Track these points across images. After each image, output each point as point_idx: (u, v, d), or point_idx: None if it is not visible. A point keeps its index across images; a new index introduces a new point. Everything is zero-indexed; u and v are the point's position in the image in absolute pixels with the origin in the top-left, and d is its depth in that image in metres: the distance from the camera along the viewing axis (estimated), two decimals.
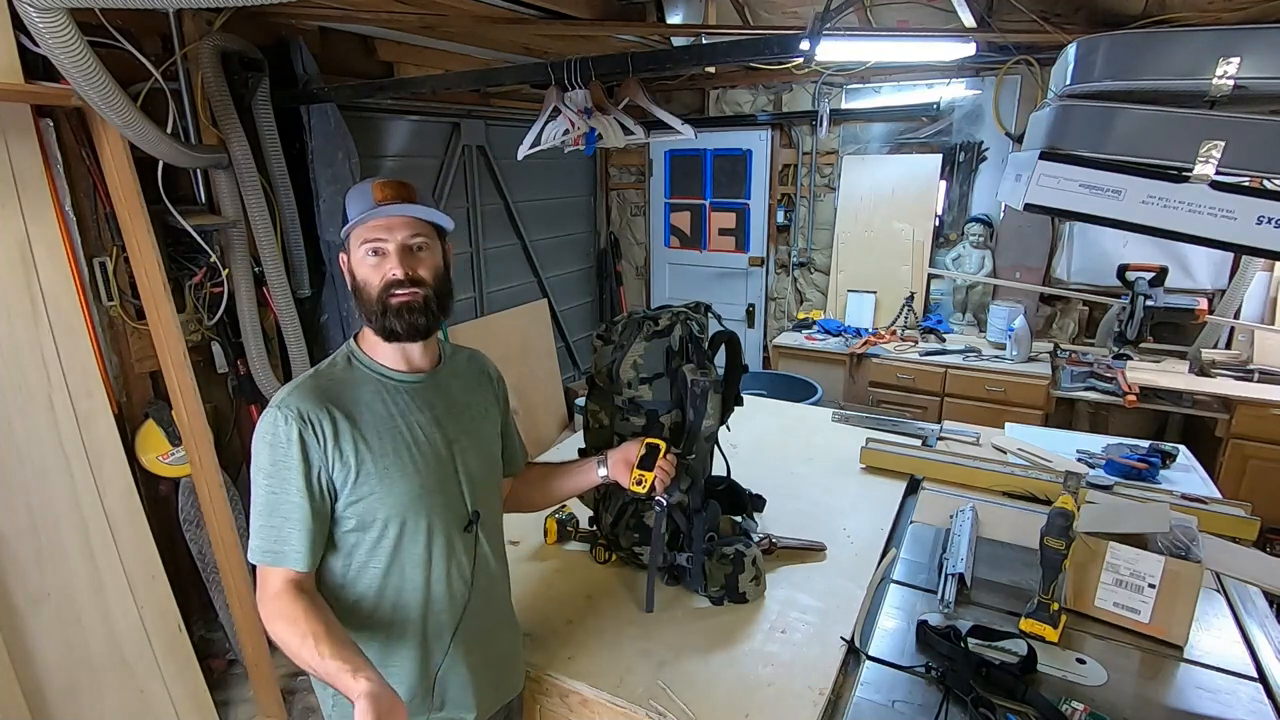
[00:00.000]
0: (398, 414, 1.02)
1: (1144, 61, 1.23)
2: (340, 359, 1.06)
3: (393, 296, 0.99)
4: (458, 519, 1.07)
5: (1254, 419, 2.81)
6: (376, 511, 0.99)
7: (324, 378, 1.01)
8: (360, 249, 1.00)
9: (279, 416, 0.95)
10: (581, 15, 2.91)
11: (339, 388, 1.00)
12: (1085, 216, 1.29)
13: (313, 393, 0.97)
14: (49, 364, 1.89)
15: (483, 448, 1.14)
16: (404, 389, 1.05)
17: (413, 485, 1.01)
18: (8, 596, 1.78)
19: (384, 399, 1.03)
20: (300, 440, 0.94)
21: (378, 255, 1.00)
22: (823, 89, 3.97)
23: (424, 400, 1.06)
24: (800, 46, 1.54)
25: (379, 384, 1.04)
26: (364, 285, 1.01)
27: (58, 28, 1.52)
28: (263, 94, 2.40)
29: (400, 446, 1.01)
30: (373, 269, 1.00)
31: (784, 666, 1.20)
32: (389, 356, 1.05)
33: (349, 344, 1.08)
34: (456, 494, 1.07)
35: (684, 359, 1.34)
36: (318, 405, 0.96)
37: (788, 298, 4.49)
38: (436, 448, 1.05)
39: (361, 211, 0.99)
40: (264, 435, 0.96)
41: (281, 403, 0.96)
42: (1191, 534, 1.24)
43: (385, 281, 1.00)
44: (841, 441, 2.11)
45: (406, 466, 1.00)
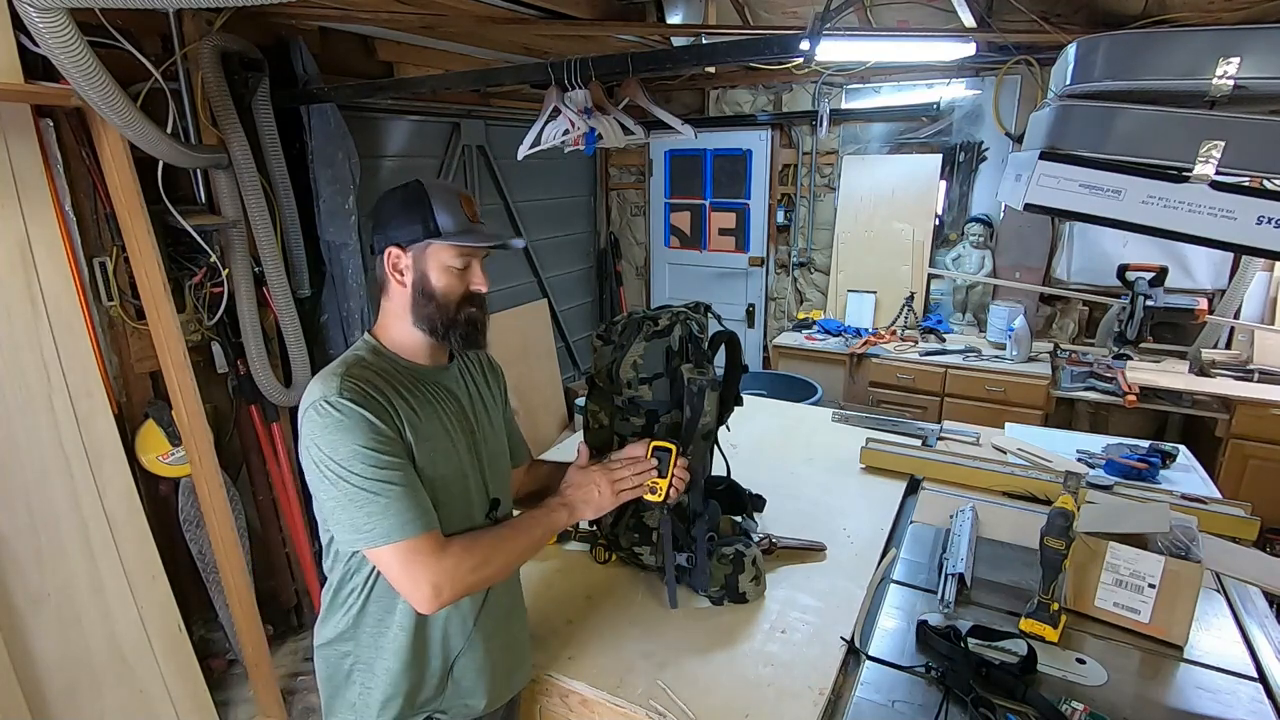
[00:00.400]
0: (428, 403, 1.05)
1: (1144, 61, 1.23)
2: (365, 352, 1.06)
3: (472, 307, 1.07)
4: (480, 505, 1.11)
5: (1254, 419, 2.81)
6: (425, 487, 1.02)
7: (358, 368, 1.01)
8: (454, 260, 1.04)
9: (340, 402, 0.94)
10: (581, 15, 2.91)
11: (378, 375, 1.02)
12: (1085, 216, 1.29)
13: (359, 378, 0.98)
14: (49, 364, 1.89)
15: (496, 435, 1.19)
16: (430, 380, 1.08)
17: (451, 469, 1.05)
18: (8, 596, 1.78)
19: (415, 388, 1.05)
20: (374, 412, 0.96)
21: (465, 268, 1.06)
22: (823, 89, 3.97)
23: (447, 390, 1.10)
24: (800, 46, 1.54)
25: (407, 374, 1.06)
26: (445, 292, 1.04)
27: (58, 28, 1.52)
28: (263, 94, 2.40)
29: (436, 432, 1.04)
30: (457, 279, 1.05)
31: (784, 666, 1.20)
32: (416, 350, 1.08)
33: (368, 339, 1.08)
34: (479, 480, 1.11)
35: (684, 359, 1.34)
36: (370, 387, 0.98)
37: (788, 298, 4.49)
38: (463, 435, 1.09)
39: (458, 225, 1.03)
40: (334, 424, 0.94)
41: (337, 390, 0.95)
42: (1191, 534, 1.24)
43: (468, 293, 1.06)
44: (841, 441, 2.11)
45: (445, 451, 1.04)
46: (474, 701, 1.11)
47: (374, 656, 1.05)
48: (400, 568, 0.96)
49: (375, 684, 1.06)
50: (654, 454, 1.24)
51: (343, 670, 1.08)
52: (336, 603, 1.06)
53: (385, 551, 0.95)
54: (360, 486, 0.93)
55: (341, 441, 0.94)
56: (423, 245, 1.04)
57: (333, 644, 1.08)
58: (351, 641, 1.06)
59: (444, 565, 0.96)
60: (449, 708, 1.10)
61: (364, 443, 0.94)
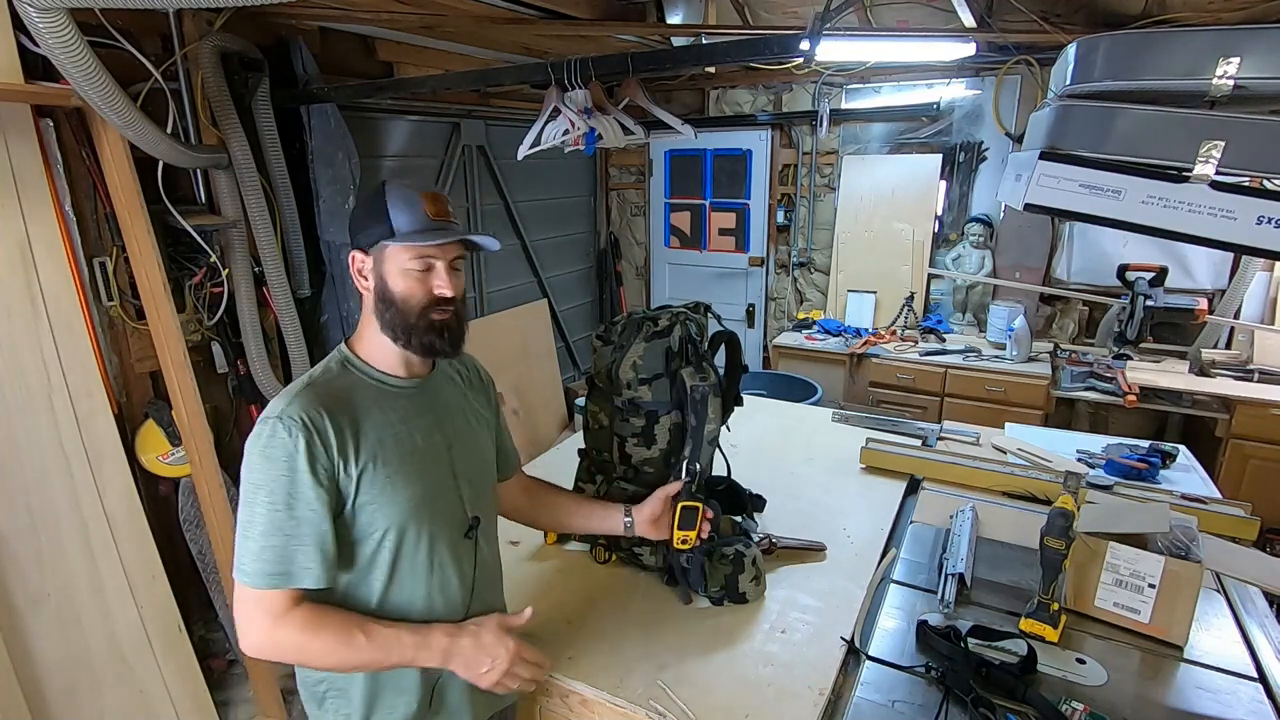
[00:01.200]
0: (398, 420, 1.01)
1: (1144, 61, 1.23)
2: (334, 365, 1.03)
3: (437, 313, 1.00)
4: (457, 525, 1.06)
5: (1254, 419, 2.81)
6: (377, 521, 0.97)
7: (321, 385, 0.98)
8: (410, 261, 0.98)
9: (279, 427, 0.91)
10: (581, 15, 2.91)
11: (338, 394, 0.98)
12: (1085, 216, 1.29)
13: (314, 402, 0.94)
14: (49, 364, 1.89)
15: (478, 452, 1.14)
16: (403, 394, 1.04)
17: (414, 492, 0.99)
18: (8, 596, 1.78)
19: (382, 406, 1.00)
20: (307, 450, 0.91)
21: (425, 271, 1.00)
22: (823, 89, 3.97)
23: (422, 405, 1.05)
24: (800, 46, 1.54)
25: (377, 390, 1.02)
26: (404, 297, 0.99)
27: (58, 28, 1.52)
28: (263, 94, 2.40)
29: (402, 453, 0.99)
30: (417, 282, 0.99)
31: (784, 666, 1.20)
32: (389, 362, 1.04)
33: (341, 350, 1.05)
34: (455, 499, 1.07)
35: (684, 360, 1.34)
36: (321, 414, 0.93)
37: (788, 298, 4.49)
38: (436, 453, 1.04)
39: (416, 225, 0.98)
40: (263, 449, 0.91)
41: (282, 413, 0.92)
42: (1191, 534, 1.24)
43: (431, 298, 1.00)
44: (841, 441, 2.11)
45: (409, 474, 0.99)
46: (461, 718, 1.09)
47: (347, 682, 1.02)
48: (238, 608, 0.93)
49: (351, 709, 1.02)
50: (683, 513, 1.27)
51: (317, 694, 1.05)
52: None
53: (238, 587, 0.92)
54: (254, 518, 0.90)
55: (260, 467, 0.91)
56: (380, 247, 0.99)
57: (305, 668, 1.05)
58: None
59: (273, 634, 0.91)
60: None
61: (276, 479, 0.90)
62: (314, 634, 0.91)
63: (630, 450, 1.38)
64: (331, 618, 0.94)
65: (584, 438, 1.53)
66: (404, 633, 0.96)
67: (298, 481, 0.90)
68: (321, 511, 0.92)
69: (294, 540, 0.91)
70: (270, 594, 0.91)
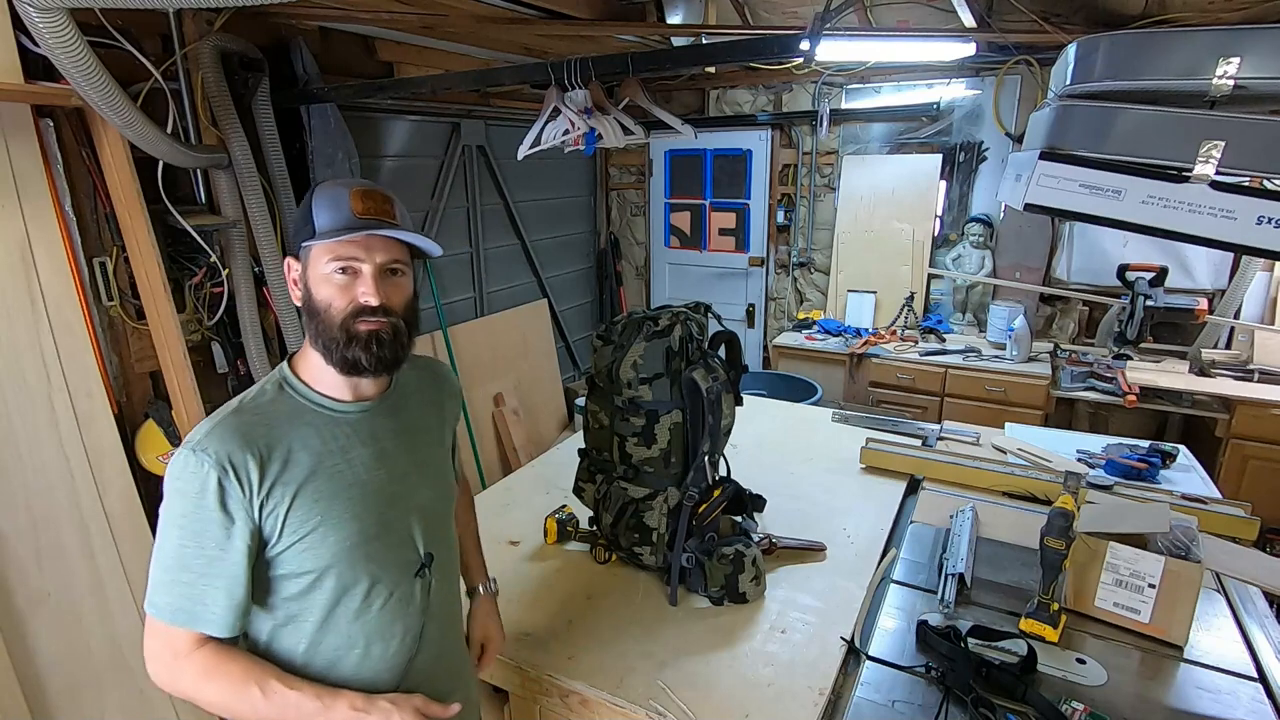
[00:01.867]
0: (337, 450, 0.91)
1: (1144, 61, 1.23)
2: (270, 387, 0.93)
3: (362, 324, 0.88)
4: (406, 565, 0.96)
5: (1254, 419, 2.81)
6: (307, 563, 0.88)
7: (249, 412, 0.89)
8: (328, 265, 0.88)
9: (194, 461, 0.83)
10: (581, 15, 2.91)
11: (267, 423, 0.88)
12: (1085, 216, 1.29)
13: (235, 432, 0.85)
14: (49, 364, 1.89)
15: (437, 479, 1.04)
16: (346, 421, 0.93)
17: (351, 532, 0.89)
18: (8, 596, 1.78)
19: (321, 434, 0.91)
20: (219, 489, 0.82)
21: (348, 275, 0.89)
22: (823, 89, 3.97)
23: (369, 432, 0.95)
24: (800, 46, 1.54)
25: (316, 416, 0.92)
26: (325, 307, 0.88)
27: (58, 28, 1.52)
28: (263, 94, 2.40)
29: (338, 490, 0.89)
30: (340, 290, 0.89)
31: (784, 666, 1.20)
32: (333, 385, 0.93)
33: (281, 369, 0.95)
34: (405, 536, 0.97)
35: (684, 359, 1.34)
36: (240, 447, 0.84)
37: (788, 298, 4.49)
38: (381, 487, 0.94)
39: (337, 223, 0.87)
40: (175, 481, 0.84)
41: (197, 445, 0.83)
42: (1191, 534, 1.24)
43: (355, 306, 0.88)
44: (841, 441, 2.11)
45: (344, 512, 0.89)
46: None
47: None
48: (147, 640, 0.87)
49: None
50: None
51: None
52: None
53: (148, 618, 0.86)
54: (164, 549, 0.84)
55: (173, 500, 0.84)
56: (306, 250, 0.90)
57: None
58: None
59: (171, 670, 0.86)
60: None
61: (186, 515, 0.83)
62: (209, 681, 0.85)
63: (630, 450, 1.38)
64: (232, 666, 0.86)
65: (584, 437, 1.53)
66: (306, 697, 0.86)
67: (206, 520, 0.83)
68: (233, 554, 0.84)
69: (203, 580, 0.84)
70: (174, 630, 0.85)
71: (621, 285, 5.09)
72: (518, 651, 1.26)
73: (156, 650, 0.87)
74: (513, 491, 1.89)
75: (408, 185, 3.43)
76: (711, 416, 1.31)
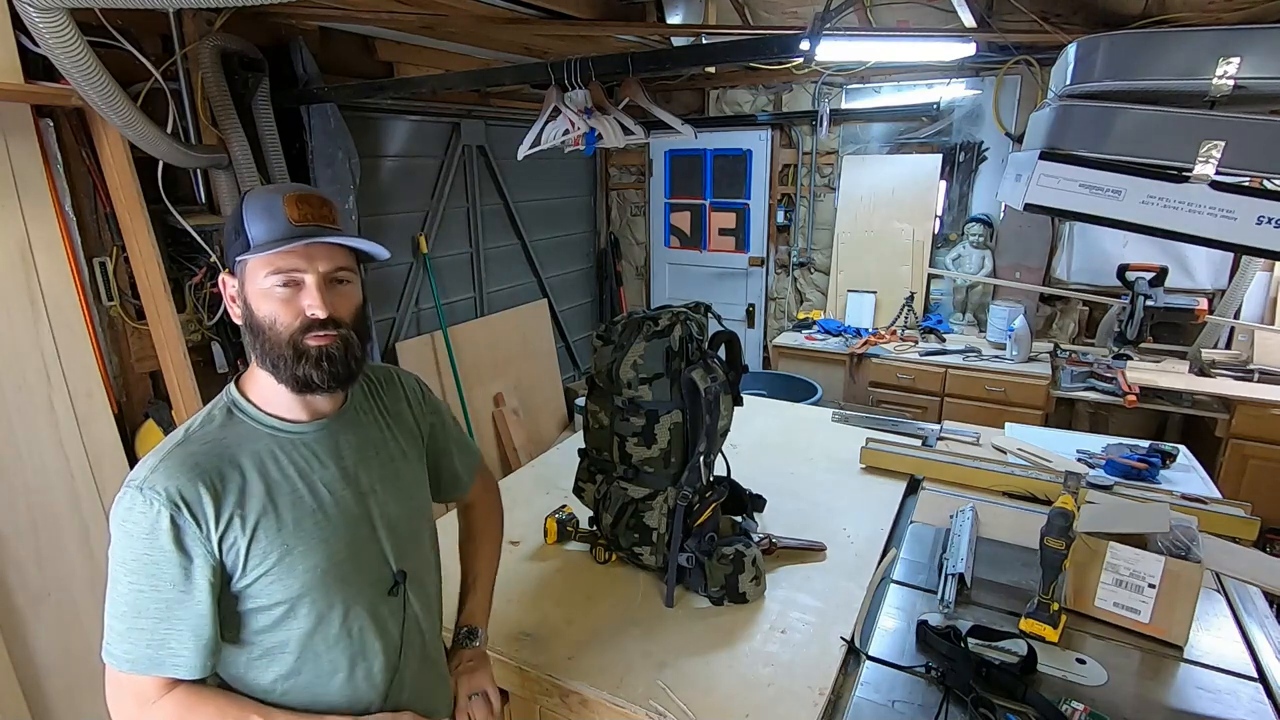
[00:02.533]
0: (296, 475, 0.87)
1: (1144, 62, 1.23)
2: (218, 413, 0.88)
3: (311, 339, 0.84)
4: (380, 583, 0.93)
5: (1254, 419, 2.81)
6: (276, 594, 0.84)
7: (197, 441, 0.84)
8: (267, 278, 0.83)
9: (141, 501, 0.78)
10: (581, 15, 2.91)
11: (217, 452, 0.83)
12: (1085, 216, 1.29)
13: (183, 465, 0.80)
14: (49, 364, 1.89)
15: (404, 492, 0.99)
16: (303, 441, 0.89)
17: (319, 559, 0.85)
18: (8, 596, 1.78)
19: (277, 458, 0.86)
20: (172, 527, 0.78)
21: (290, 288, 0.83)
22: (823, 89, 3.97)
23: (327, 451, 0.90)
24: (800, 46, 1.54)
25: (270, 439, 0.87)
26: (269, 323, 0.83)
27: (58, 28, 1.52)
28: (263, 94, 2.40)
29: (301, 515, 0.85)
30: (283, 304, 0.83)
31: (784, 666, 1.20)
32: (285, 404, 0.88)
33: (228, 392, 0.90)
34: (376, 555, 0.93)
35: (684, 359, 1.34)
36: (190, 481, 0.79)
37: (788, 298, 4.49)
38: (347, 507, 0.90)
39: (273, 233, 0.82)
40: (123, 522, 0.78)
41: (144, 482, 0.78)
42: (1191, 534, 1.24)
43: (302, 321, 0.83)
44: (841, 441, 2.11)
45: (310, 538, 0.85)
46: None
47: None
48: (108, 686, 0.83)
49: None
50: None
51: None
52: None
53: (107, 668, 0.82)
54: (117, 594, 0.80)
55: (121, 541, 0.79)
56: (241, 264, 0.84)
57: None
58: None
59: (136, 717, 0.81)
60: None
61: (137, 558, 0.78)
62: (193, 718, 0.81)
63: (630, 450, 1.38)
64: (207, 707, 0.82)
65: (584, 437, 1.53)
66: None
67: (160, 561, 0.78)
68: (194, 593, 0.79)
69: (163, 624, 0.79)
70: (138, 679, 0.80)
71: (621, 285, 5.09)
72: (518, 651, 1.26)
73: (120, 700, 0.82)
74: (513, 491, 1.89)
75: (408, 185, 3.43)
76: (709, 417, 1.31)
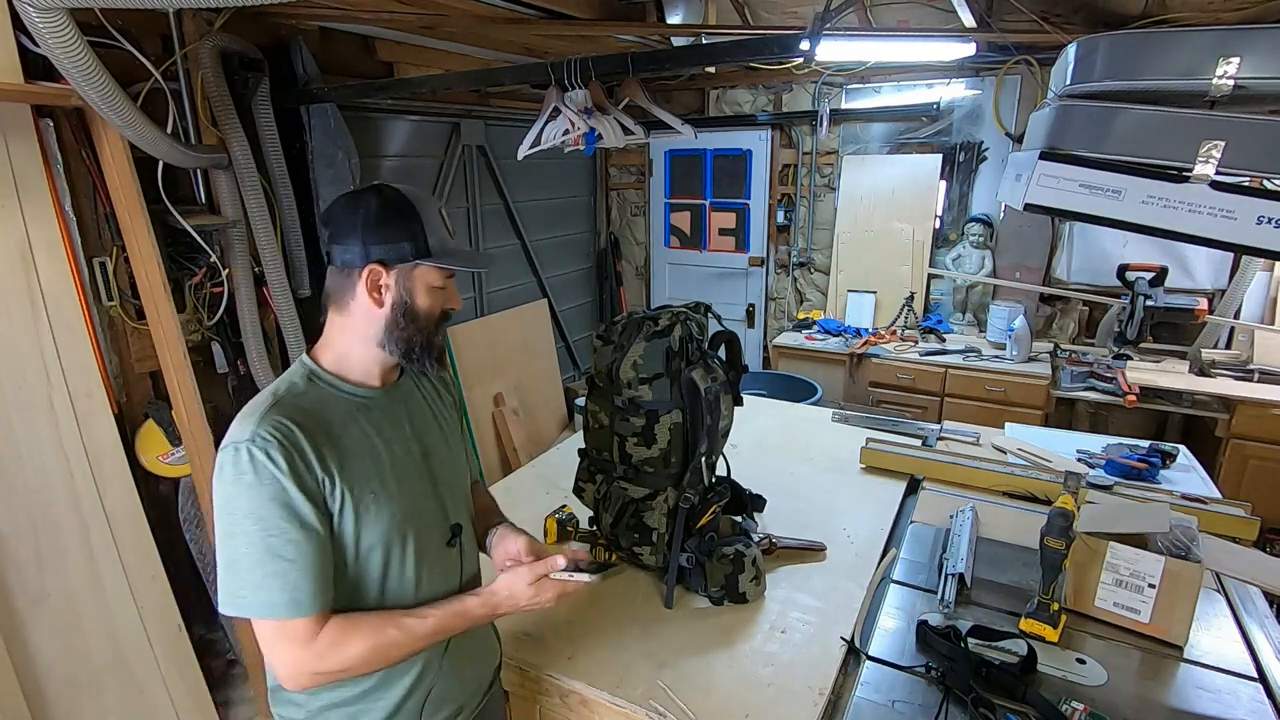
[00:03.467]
0: (374, 433, 0.97)
1: (1144, 61, 1.23)
2: (299, 379, 0.96)
3: (442, 325, 1.02)
4: (441, 535, 1.04)
5: (1254, 419, 2.81)
6: (362, 539, 0.93)
7: (288, 401, 0.91)
8: (439, 279, 0.99)
9: (253, 451, 0.84)
10: (581, 15, 2.91)
11: (308, 410, 0.92)
12: (1085, 216, 1.29)
13: (285, 419, 0.88)
14: (49, 364, 1.89)
15: (453, 455, 1.11)
16: (375, 406, 0.99)
17: (396, 508, 0.95)
18: (8, 596, 1.78)
19: (356, 419, 0.96)
20: (291, 470, 0.85)
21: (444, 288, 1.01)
22: (823, 89, 3.97)
23: (395, 415, 1.01)
24: (800, 46, 1.54)
25: (349, 403, 0.97)
26: (427, 314, 0.98)
27: (58, 28, 1.52)
28: (263, 94, 2.40)
29: (381, 468, 0.95)
30: (438, 299, 1.00)
31: (784, 666, 1.20)
32: (360, 372, 0.99)
33: (304, 362, 0.98)
34: (438, 509, 1.04)
35: (684, 359, 1.34)
36: (294, 430, 0.87)
37: (788, 298, 4.49)
38: (414, 464, 1.01)
39: (445, 245, 0.98)
40: (239, 475, 0.85)
41: (253, 435, 0.85)
42: (1191, 534, 1.24)
43: (443, 313, 1.01)
44: (841, 441, 2.11)
45: (390, 488, 0.95)
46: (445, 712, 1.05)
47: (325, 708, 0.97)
48: (264, 645, 0.89)
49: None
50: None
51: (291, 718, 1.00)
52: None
53: (257, 624, 0.88)
54: (244, 551, 0.85)
55: (242, 497, 0.85)
56: (410, 265, 0.95)
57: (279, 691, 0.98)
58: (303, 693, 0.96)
59: (308, 657, 0.88)
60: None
61: (264, 506, 0.85)
62: (346, 646, 0.89)
63: (630, 450, 1.38)
64: (358, 629, 0.90)
65: (584, 437, 1.53)
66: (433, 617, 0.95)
67: (286, 503, 0.85)
68: (318, 529, 0.88)
69: (297, 566, 0.86)
70: (289, 624, 0.87)
71: (621, 285, 5.09)
72: (517, 651, 1.26)
73: (281, 651, 0.88)
74: (513, 491, 1.89)
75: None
76: (710, 417, 1.31)
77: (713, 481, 1.42)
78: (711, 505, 1.38)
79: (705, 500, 1.38)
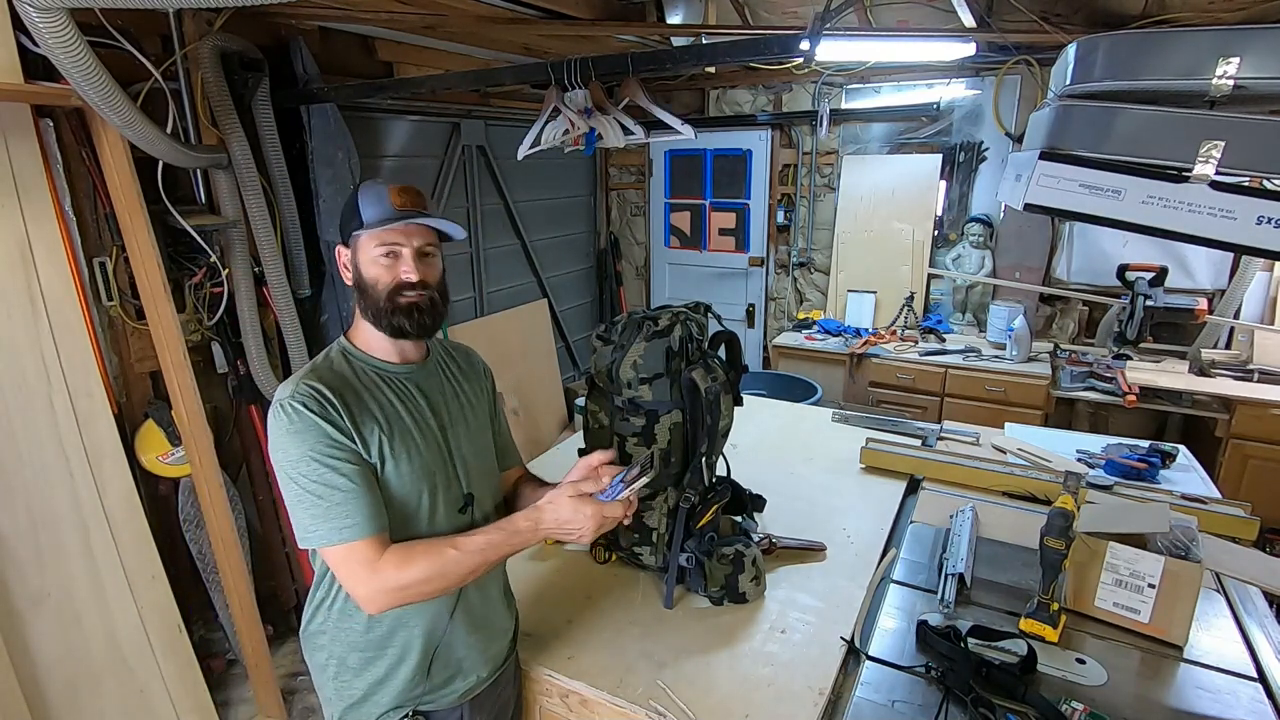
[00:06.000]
0: (396, 400, 1.07)
1: (1144, 61, 1.23)
2: (334, 355, 1.09)
3: (403, 297, 1.06)
4: (454, 501, 1.11)
5: (1254, 419, 2.81)
6: (386, 489, 1.03)
7: (323, 369, 1.05)
8: (375, 249, 1.06)
9: (293, 404, 0.97)
10: (581, 15, 2.91)
11: (338, 374, 1.05)
12: (1085, 216, 1.29)
13: (320, 380, 1.01)
14: (49, 364, 1.89)
15: (474, 433, 1.19)
16: (398, 379, 1.10)
17: (415, 467, 1.05)
18: (8, 596, 1.78)
19: (381, 389, 1.07)
20: (336, 412, 0.99)
21: (391, 257, 1.06)
22: (823, 89, 3.97)
23: (416, 389, 1.12)
24: (800, 46, 1.54)
25: (376, 374, 1.09)
26: (373, 283, 1.06)
27: (58, 28, 1.52)
28: (263, 94, 2.40)
29: (404, 431, 1.05)
30: (385, 269, 1.06)
31: (784, 666, 1.20)
32: (383, 350, 1.10)
33: (340, 341, 1.12)
34: (453, 476, 1.12)
35: (684, 359, 1.34)
36: (328, 389, 1.00)
37: (788, 298, 4.49)
38: (432, 433, 1.10)
39: (381, 215, 1.04)
40: (288, 427, 0.97)
41: (294, 394, 0.99)
42: (1191, 534, 1.24)
43: (397, 282, 1.06)
44: (841, 441, 2.11)
45: (411, 449, 1.05)
46: (459, 685, 1.13)
47: (346, 651, 1.09)
48: (337, 570, 1.00)
49: (351, 678, 1.09)
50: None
51: (319, 661, 1.12)
52: (317, 595, 1.11)
53: (327, 552, 1.00)
54: (306, 489, 0.97)
55: (292, 444, 0.97)
56: (355, 238, 1.07)
57: (311, 635, 1.13)
58: (325, 635, 1.10)
59: (378, 576, 0.97)
60: (434, 698, 1.12)
61: (312, 447, 0.97)
62: (410, 566, 0.98)
63: (630, 450, 1.38)
64: (416, 549, 1.00)
65: (584, 437, 1.53)
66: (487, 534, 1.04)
67: (336, 440, 0.98)
68: (362, 464, 0.99)
69: (353, 496, 0.97)
70: (353, 546, 0.97)
71: (621, 285, 5.09)
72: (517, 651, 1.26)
73: (350, 571, 0.98)
74: None
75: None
76: (709, 417, 1.31)
77: (713, 481, 1.42)
78: (712, 505, 1.38)
79: (705, 500, 1.38)
